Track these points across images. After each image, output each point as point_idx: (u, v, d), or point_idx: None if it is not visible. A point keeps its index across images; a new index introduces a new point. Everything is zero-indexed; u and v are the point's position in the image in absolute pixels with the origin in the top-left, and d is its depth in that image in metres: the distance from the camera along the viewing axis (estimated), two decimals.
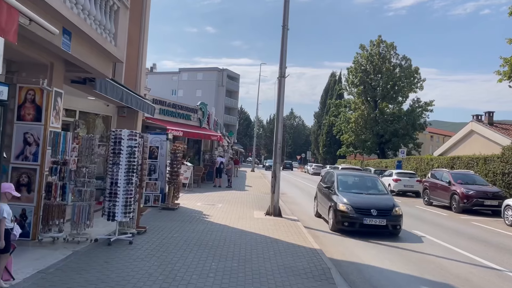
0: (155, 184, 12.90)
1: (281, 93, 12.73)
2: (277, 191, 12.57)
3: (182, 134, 20.52)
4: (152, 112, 12.95)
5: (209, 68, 79.32)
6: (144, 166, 8.95)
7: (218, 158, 24.37)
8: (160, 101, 21.03)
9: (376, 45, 49.63)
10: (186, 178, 19.00)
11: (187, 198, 15.97)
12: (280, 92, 12.73)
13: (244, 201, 16.49)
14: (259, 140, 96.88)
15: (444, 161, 27.99)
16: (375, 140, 49.77)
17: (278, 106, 12.74)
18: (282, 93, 12.73)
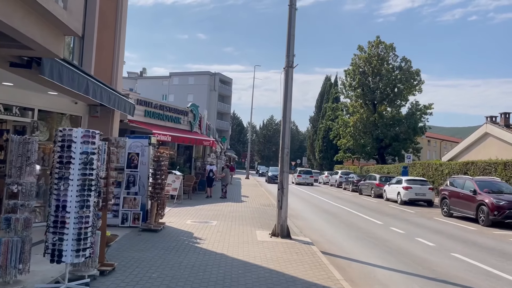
0: (134, 200, 10.50)
1: (289, 86, 10.42)
2: (285, 207, 10.23)
3: (170, 139, 18.13)
4: (131, 112, 10.58)
5: (201, 72, 76.98)
6: (110, 180, 6.56)
7: (208, 166, 21.87)
8: (145, 102, 18.64)
9: (374, 46, 47.67)
10: (175, 189, 16.59)
11: (175, 213, 13.54)
12: (287, 86, 10.42)
13: (242, 216, 14.10)
14: (252, 146, 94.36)
15: (456, 167, 25.87)
16: (374, 144, 47.67)
17: (285, 102, 10.43)
18: (290, 86, 10.43)
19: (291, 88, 10.43)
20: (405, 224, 15.16)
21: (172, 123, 20.37)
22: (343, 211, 18.74)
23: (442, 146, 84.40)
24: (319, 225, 13.90)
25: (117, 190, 10.60)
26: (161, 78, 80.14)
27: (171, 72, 80.00)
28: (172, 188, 16.65)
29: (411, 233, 13.08)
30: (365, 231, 12.93)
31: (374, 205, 22.17)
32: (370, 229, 13.43)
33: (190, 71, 79.68)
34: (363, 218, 16.19)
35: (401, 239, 11.96)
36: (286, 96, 10.40)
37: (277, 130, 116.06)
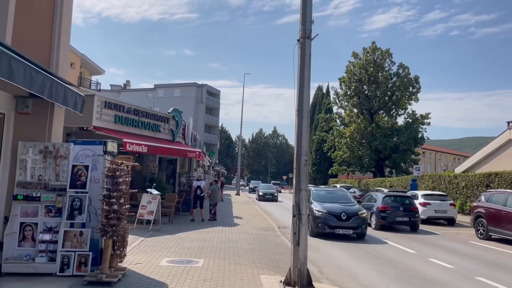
0: (80, 235, 7.08)
1: (306, 65, 7.22)
2: (304, 242, 6.93)
3: (146, 150, 14.74)
4: (78, 107, 7.24)
5: (187, 84, 73.71)
6: None
7: (195, 182, 18.23)
8: (115, 106, 15.27)
9: (370, 52, 45.17)
10: (151, 212, 13.16)
11: (148, 247, 10.10)
12: (304, 65, 7.22)
13: (237, 248, 10.71)
14: (242, 160, 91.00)
15: (476, 179, 22.87)
16: (372, 156, 44.76)
17: (301, 88, 7.22)
18: (307, 65, 7.22)
19: (309, 67, 7.22)
20: (444, 252, 11.94)
21: (150, 131, 16.99)
22: None
23: (437, 157, 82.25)
24: (339, 257, 10.59)
25: (56, 221, 7.21)
26: (146, 90, 76.67)
27: (156, 84, 76.62)
28: (147, 212, 13.22)
29: (461, 267, 9.87)
30: (401, 266, 9.67)
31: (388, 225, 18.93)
32: (406, 262, 10.17)
33: (176, 83, 76.33)
34: (388, 245, 12.95)
35: (454, 277, 8.73)
36: (303, 79, 7.18)
37: (267, 144, 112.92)
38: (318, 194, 15.75)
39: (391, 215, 16.74)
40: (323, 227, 13.61)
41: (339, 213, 13.78)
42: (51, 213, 7.23)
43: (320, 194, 15.80)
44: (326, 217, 13.73)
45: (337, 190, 17.58)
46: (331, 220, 13.66)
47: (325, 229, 13.56)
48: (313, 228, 13.79)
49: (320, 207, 14.15)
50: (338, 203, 14.60)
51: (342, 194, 16.22)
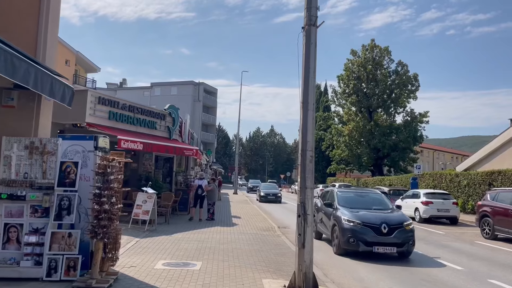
0: (69, 237, 6.58)
1: (312, 54, 6.74)
2: (309, 244, 6.46)
3: (142, 148, 14.24)
4: (66, 99, 6.74)
5: (184, 82, 73.08)
6: None
7: (197, 181, 17.89)
8: (110, 102, 14.75)
9: (369, 50, 44.76)
10: (146, 212, 12.66)
11: (143, 248, 9.60)
12: (309, 53, 6.74)
13: (237, 249, 10.23)
14: (239, 159, 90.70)
15: (478, 177, 22.48)
16: (371, 155, 44.38)
17: (306, 78, 6.74)
18: (312, 54, 6.74)
19: (314, 57, 6.74)
20: (451, 253, 11.50)
21: (146, 128, 16.48)
22: None
23: (435, 156, 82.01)
24: (343, 259, 10.12)
25: (42, 221, 6.71)
26: (142, 88, 76.00)
27: (152, 83, 75.97)
28: (142, 211, 12.72)
29: (471, 269, 9.43)
30: (408, 268, 9.21)
31: None
32: (414, 263, 9.71)
33: (172, 81, 75.67)
34: None
35: (466, 279, 8.29)
36: (308, 69, 6.70)
37: (264, 143, 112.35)
38: (345, 197, 11.86)
39: None
40: (356, 243, 9.90)
41: (379, 224, 10.05)
42: (37, 213, 6.73)
43: (348, 197, 11.94)
44: (361, 229, 9.98)
45: (369, 192, 13.74)
46: (368, 234, 9.92)
47: (359, 246, 9.88)
48: (341, 243, 10.24)
49: (350, 215, 10.44)
50: (373, 210, 11.10)
51: (376, 197, 12.44)
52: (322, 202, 12.90)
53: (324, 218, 12.17)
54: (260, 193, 33.05)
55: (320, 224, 12.45)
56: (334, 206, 11.42)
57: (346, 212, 10.64)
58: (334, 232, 10.84)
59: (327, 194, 13.32)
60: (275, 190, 33.77)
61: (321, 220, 12.47)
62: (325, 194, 13.64)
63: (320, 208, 12.76)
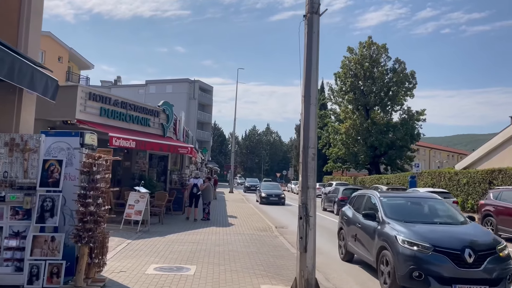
0: (52, 241, 6.09)
1: (314, 45, 6.28)
2: (311, 248, 6.01)
3: (135, 145, 13.74)
4: (49, 92, 6.25)
5: (179, 80, 72.42)
6: None
7: (192, 180, 17.46)
8: (101, 97, 14.22)
9: (366, 47, 44.39)
10: (139, 212, 12.17)
11: (134, 251, 9.12)
12: (311, 44, 6.28)
13: (233, 251, 9.77)
14: (235, 157, 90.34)
15: (478, 176, 22.13)
16: (368, 153, 44.04)
17: (308, 71, 6.29)
18: (315, 45, 6.29)
19: (317, 47, 6.28)
20: None
21: (139, 125, 15.97)
22: None
23: (431, 154, 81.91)
24: (336, 255, 9.68)
25: (23, 224, 6.22)
26: (137, 86, 75.26)
27: (147, 80, 75.26)
28: (134, 211, 12.23)
29: None
30: None
31: None
32: None
33: (167, 79, 75.06)
34: None
35: None
36: (310, 61, 6.24)
37: (260, 141, 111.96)
38: (394, 206, 8.24)
39: None
40: (425, 280, 6.30)
41: (460, 249, 6.43)
42: (18, 216, 6.23)
43: (398, 206, 8.35)
44: (432, 257, 6.40)
45: (425, 197, 9.23)
46: (443, 264, 6.33)
47: (429, 285, 6.28)
48: (397, 279, 6.61)
49: (410, 233, 6.86)
50: (439, 224, 7.59)
51: (439, 205, 8.61)
52: (354, 211, 9.41)
53: (361, 234, 8.43)
54: (261, 193, 28.78)
55: (355, 243, 8.80)
56: (379, 219, 7.74)
57: (403, 229, 7.03)
58: (381, 258, 7.19)
59: (362, 200, 9.39)
60: (278, 191, 29.53)
61: (355, 237, 8.74)
62: (358, 200, 9.78)
63: (351, 220, 9.23)
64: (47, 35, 38.51)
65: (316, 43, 6.26)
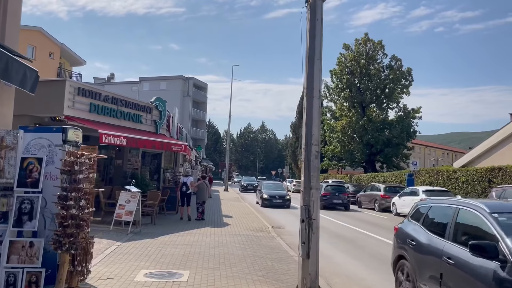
0: (30, 246, 5.56)
1: (317, 32, 5.78)
2: (314, 254, 5.52)
3: (126, 143, 13.18)
4: (29, 84, 5.71)
5: (173, 77, 71.66)
6: None
7: (183, 178, 16.93)
8: (90, 93, 13.64)
9: (362, 44, 43.97)
10: (129, 213, 11.62)
11: (122, 256, 8.58)
12: (315, 31, 5.78)
13: (229, 254, 9.27)
14: (230, 155, 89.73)
15: (477, 174, 21.78)
16: (364, 151, 43.68)
17: (311, 60, 5.79)
18: (318, 32, 5.78)
19: (320, 35, 5.79)
20: None
21: (131, 122, 15.40)
22: (360, 234, 14.19)
23: (426, 152, 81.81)
24: (345, 264, 9.22)
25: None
26: (130, 83, 74.38)
27: (141, 77, 74.42)
28: (125, 212, 11.68)
29: None
30: None
31: (389, 224, 17.71)
32: None
33: (161, 76, 74.19)
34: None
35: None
36: (313, 50, 5.74)
37: (255, 139, 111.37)
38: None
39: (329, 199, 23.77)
40: None
41: None
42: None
43: None
44: None
45: None
46: None
47: None
48: None
49: None
50: None
51: None
52: (431, 232, 5.60)
53: (456, 278, 4.72)
54: (263, 194, 24.08)
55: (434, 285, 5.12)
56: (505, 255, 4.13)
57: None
58: None
59: (446, 215, 5.47)
60: (282, 191, 25.23)
61: (439, 281, 4.97)
62: (435, 213, 5.95)
63: (427, 248, 5.44)
64: (38, 30, 37.73)
65: (320, 31, 5.76)
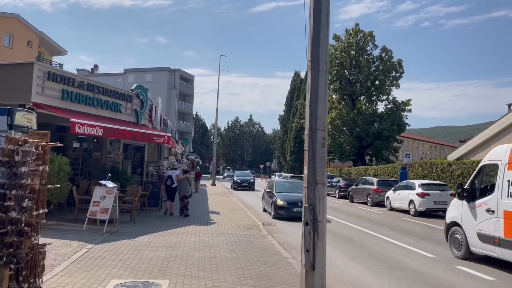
0: None
1: None
2: (320, 263, 4.45)
3: (102, 133, 11.96)
4: None
5: (159, 68, 69.85)
6: None
7: (169, 172, 15.96)
8: (63, 78, 12.36)
9: (352, 34, 43.03)
10: (105, 210, 10.45)
11: (92, 262, 7.42)
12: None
13: (217, 259, 8.19)
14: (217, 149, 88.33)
15: (474, 167, 20.97)
16: (354, 144, 42.93)
17: (316, 28, 4.70)
18: None
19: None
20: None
21: (109, 111, 14.15)
22: (356, 231, 13.23)
23: (414, 145, 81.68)
24: (346, 267, 8.24)
25: None
26: (115, 75, 72.32)
27: (125, 69, 72.50)
28: (100, 209, 10.51)
29: (503, 279, 7.67)
30: (427, 280, 7.39)
31: (384, 219, 16.86)
32: (430, 273, 7.91)
33: (147, 67, 72.28)
34: (397, 246, 10.76)
35: None
36: (319, 14, 4.66)
37: (243, 132, 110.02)
38: None
39: None
40: None
41: None
42: None
43: None
44: None
45: None
46: None
47: None
48: None
49: None
50: None
51: None
52: None
53: None
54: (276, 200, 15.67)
55: None
56: None
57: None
58: None
59: None
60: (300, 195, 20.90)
61: None
62: None
63: None
64: (15, 18, 35.95)
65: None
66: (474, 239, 8.72)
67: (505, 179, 8.09)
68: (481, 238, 8.47)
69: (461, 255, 9.17)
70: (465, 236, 9.05)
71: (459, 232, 9.31)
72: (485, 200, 8.58)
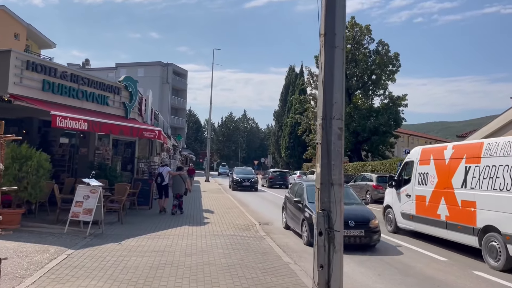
0: None
1: None
2: (338, 280, 3.62)
3: (87, 127, 11.05)
4: None
5: (152, 63, 68.63)
6: None
7: (159, 169, 15.16)
8: (43, 68, 11.42)
9: (349, 28, 42.18)
10: (89, 211, 9.58)
11: (69, 271, 6.55)
12: None
13: (210, 267, 7.36)
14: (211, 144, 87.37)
15: None
16: (350, 139, 42.18)
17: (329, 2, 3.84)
18: None
19: None
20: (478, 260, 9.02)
21: (95, 103, 13.22)
22: None
23: (409, 141, 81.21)
24: (353, 273, 7.45)
25: None
26: (106, 69, 70.89)
27: (117, 63, 71.15)
28: (83, 210, 9.62)
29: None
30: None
31: None
32: (446, 280, 7.16)
33: (139, 62, 70.97)
34: (404, 248, 10.00)
35: None
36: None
37: (237, 128, 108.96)
38: None
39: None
40: None
41: None
42: None
43: None
44: None
45: None
46: None
47: None
48: None
49: None
50: None
51: None
52: None
53: None
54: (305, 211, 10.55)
55: None
56: None
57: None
58: None
59: None
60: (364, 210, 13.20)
61: None
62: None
63: None
64: (1, 9, 34.73)
65: None
66: (399, 217, 11.66)
67: (417, 172, 10.98)
68: (403, 216, 11.39)
69: (391, 230, 12.06)
70: (394, 215, 11.95)
71: (391, 212, 12.17)
72: (405, 188, 11.52)
